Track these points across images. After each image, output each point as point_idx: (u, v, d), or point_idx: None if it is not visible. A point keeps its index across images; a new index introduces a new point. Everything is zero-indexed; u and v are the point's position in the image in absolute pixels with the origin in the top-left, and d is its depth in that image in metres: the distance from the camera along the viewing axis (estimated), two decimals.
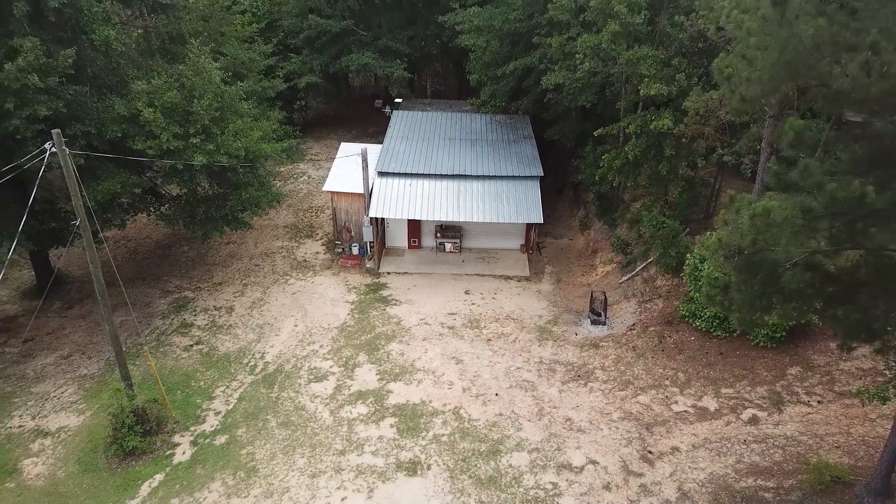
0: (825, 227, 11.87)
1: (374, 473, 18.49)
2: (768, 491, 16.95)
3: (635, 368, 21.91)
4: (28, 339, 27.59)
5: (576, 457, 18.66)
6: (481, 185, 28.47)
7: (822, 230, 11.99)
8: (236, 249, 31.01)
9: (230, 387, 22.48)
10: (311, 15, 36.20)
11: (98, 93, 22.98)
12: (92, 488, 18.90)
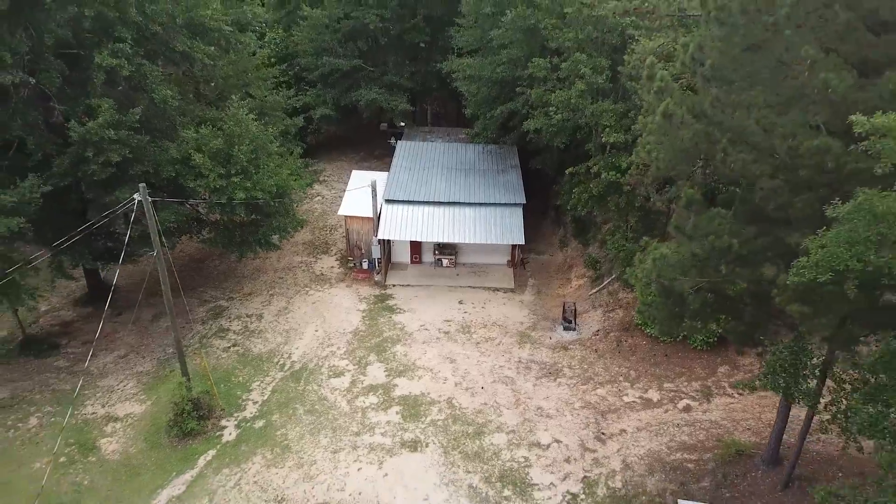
0: (709, 266, 16.51)
1: (383, 450, 23.16)
2: (691, 462, 21.60)
3: (596, 367, 26.60)
4: (86, 342, 32.35)
5: (544, 437, 23.33)
6: (472, 210, 33.18)
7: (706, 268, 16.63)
8: (262, 264, 35.71)
9: (264, 381, 27.18)
10: (325, 56, 40.88)
11: (154, 138, 27.66)
12: (159, 461, 23.58)
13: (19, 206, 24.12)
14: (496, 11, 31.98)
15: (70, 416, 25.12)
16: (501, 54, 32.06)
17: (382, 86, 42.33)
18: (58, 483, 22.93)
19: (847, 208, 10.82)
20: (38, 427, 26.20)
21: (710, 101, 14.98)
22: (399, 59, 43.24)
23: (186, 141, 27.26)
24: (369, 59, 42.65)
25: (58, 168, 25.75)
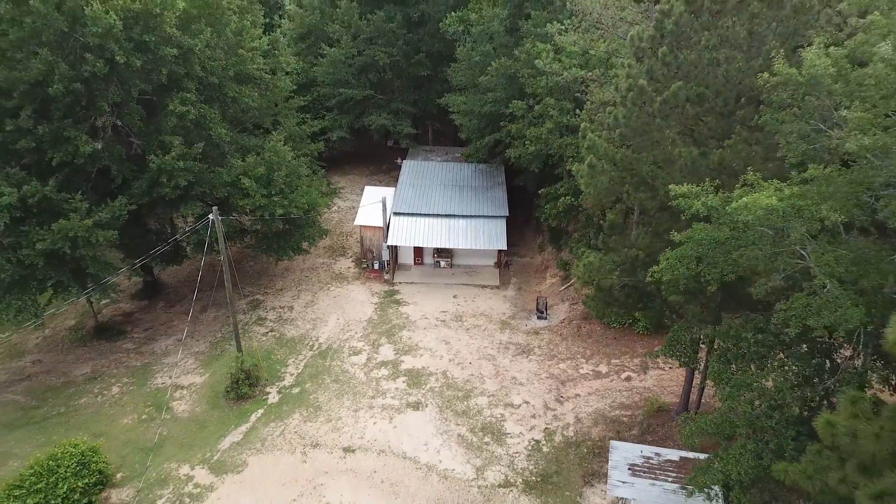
0: (624, 269, 23.18)
1: (392, 409, 29.89)
2: (626, 417, 28.30)
3: (560, 347, 33.32)
4: (147, 328, 39.23)
5: (516, 399, 30.05)
6: (465, 221, 39.90)
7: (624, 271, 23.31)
8: (290, 264, 42.47)
9: (297, 359, 33.94)
10: (341, 88, 47.57)
11: (209, 165, 34.37)
12: (220, 417, 30.33)
13: (111, 220, 30.93)
14: (483, 60, 38.69)
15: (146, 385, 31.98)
16: (488, 95, 38.79)
17: (390, 112, 49.05)
18: (143, 433, 29.73)
19: (681, 236, 17.44)
20: (120, 394, 33.02)
21: (620, 157, 21.68)
22: (404, 88, 49.91)
23: (235, 167, 34.01)
24: (379, 89, 49.35)
25: (137, 190, 32.52)
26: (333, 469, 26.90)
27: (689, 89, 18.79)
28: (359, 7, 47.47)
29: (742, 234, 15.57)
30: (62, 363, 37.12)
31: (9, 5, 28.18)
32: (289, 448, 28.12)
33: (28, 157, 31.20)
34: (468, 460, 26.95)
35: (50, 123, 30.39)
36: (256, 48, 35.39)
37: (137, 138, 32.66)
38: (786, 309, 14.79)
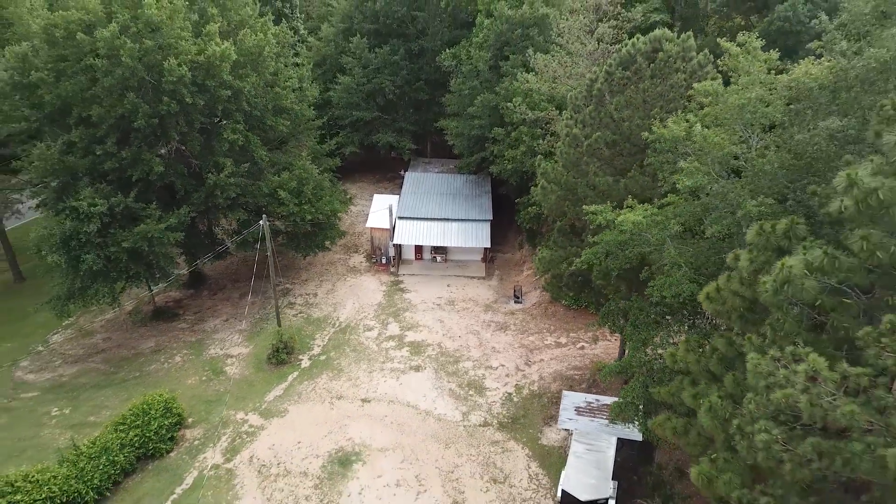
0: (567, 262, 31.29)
1: (398, 371, 38.08)
2: (577, 375, 36.52)
3: (530, 324, 41.55)
4: (196, 312, 47.41)
5: (494, 363, 38.27)
6: (457, 224, 48.09)
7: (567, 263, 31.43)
8: (313, 259, 50.65)
9: (322, 334, 42.14)
10: (352, 110, 55.69)
11: (252, 180, 42.50)
12: (264, 378, 38.53)
13: (177, 224, 39.12)
14: (471, 93, 46.84)
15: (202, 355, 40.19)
16: (475, 121, 46.95)
17: (394, 130, 57.18)
18: (205, 390, 37.93)
19: (596, 238, 25.56)
20: (182, 362, 41.24)
21: (565, 180, 29.86)
22: (406, 110, 58.02)
23: (272, 182, 42.14)
24: (385, 111, 57.45)
25: (196, 200, 40.70)
26: (354, 414, 35.14)
27: (605, 137, 27.00)
28: (368, 42, 55.51)
29: (629, 238, 23.77)
30: (129, 339, 45.37)
31: (105, 60, 36.31)
32: (319, 399, 36.37)
33: (112, 175, 39.39)
34: (457, 407, 35.22)
35: (130, 148, 38.61)
36: (289, 85, 43.53)
37: (196, 159, 40.86)
38: (652, 286, 22.98)
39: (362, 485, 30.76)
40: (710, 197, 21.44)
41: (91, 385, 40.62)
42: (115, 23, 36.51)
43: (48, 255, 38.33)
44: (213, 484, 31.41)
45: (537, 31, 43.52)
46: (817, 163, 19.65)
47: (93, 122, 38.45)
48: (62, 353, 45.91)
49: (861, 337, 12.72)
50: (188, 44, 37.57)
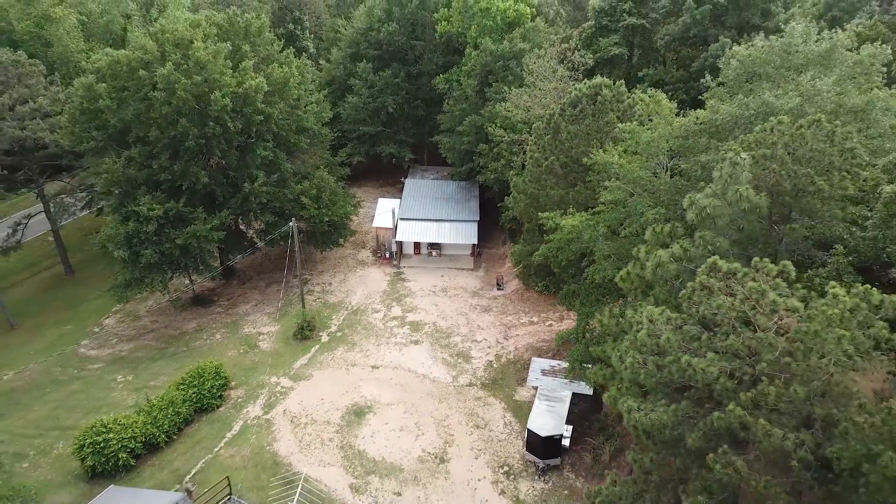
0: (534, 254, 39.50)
1: (401, 344, 46.30)
2: (545, 346, 44.75)
3: (509, 307, 49.79)
4: (229, 298, 55.57)
5: (479, 338, 46.53)
6: (449, 224, 56.26)
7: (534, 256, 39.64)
8: (327, 254, 58.77)
9: (338, 315, 50.34)
10: (360, 126, 63.75)
11: (279, 188, 50.53)
12: (291, 351, 46.72)
13: (219, 225, 47.24)
14: (461, 115, 55.00)
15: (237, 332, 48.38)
16: (464, 138, 55.09)
17: (396, 142, 65.27)
18: (243, 360, 46.10)
19: (550, 237, 33.70)
20: (221, 339, 49.39)
21: (530, 191, 38.04)
22: (406, 124, 66.10)
23: (295, 189, 50.21)
24: (387, 126, 65.53)
25: (233, 205, 48.81)
26: (365, 378, 43.37)
27: (559, 159, 35.23)
28: (372, 66, 63.52)
29: (571, 237, 31.98)
30: (174, 321, 53.53)
31: (162, 92, 44.37)
32: (337, 366, 44.60)
33: (165, 184, 47.50)
34: (448, 372, 43.48)
35: (180, 163, 46.71)
36: (309, 109, 51.64)
37: (233, 171, 48.95)
38: (589, 272, 31.19)
39: (373, 430, 39.01)
40: (626, 207, 29.69)
41: (147, 358, 48.81)
42: (171, 62, 44.59)
43: (114, 250, 46.48)
44: (256, 430, 39.62)
45: (515, 63, 51.60)
46: (697, 184, 27.90)
47: (149, 141, 46.55)
48: (116, 334, 54.09)
49: (682, 296, 20.92)
50: (229, 78, 45.66)
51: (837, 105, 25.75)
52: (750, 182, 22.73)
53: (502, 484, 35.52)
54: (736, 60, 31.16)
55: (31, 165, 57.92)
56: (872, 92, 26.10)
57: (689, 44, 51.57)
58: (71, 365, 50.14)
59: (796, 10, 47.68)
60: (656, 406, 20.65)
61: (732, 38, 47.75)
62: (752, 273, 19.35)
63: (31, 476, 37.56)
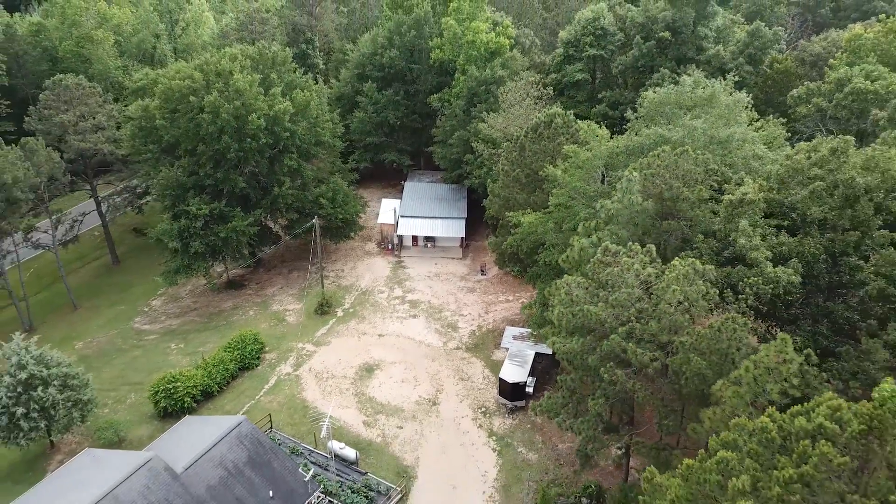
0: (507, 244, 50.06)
1: (402, 318, 56.85)
2: (516, 318, 55.29)
3: (490, 288, 60.41)
4: (257, 283, 66.16)
5: (465, 312, 57.13)
6: (441, 220, 66.77)
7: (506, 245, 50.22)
8: (340, 245, 69.17)
9: (350, 296, 60.93)
10: (366, 137, 74.10)
11: (301, 191, 60.94)
12: (312, 323, 57.26)
13: (253, 222, 57.75)
14: (451, 130, 65.46)
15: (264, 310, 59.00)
16: (454, 149, 65.50)
17: (397, 150, 75.59)
18: (273, 331, 56.66)
19: (515, 231, 44.08)
20: (255, 315, 59.93)
21: (502, 195, 48.52)
22: (405, 135, 76.37)
23: (314, 192, 60.61)
24: (389, 136, 75.80)
25: (264, 205, 59.29)
26: (374, 343, 53.92)
27: (524, 171, 45.76)
28: (376, 85, 73.79)
29: (528, 231, 42.44)
30: (212, 301, 64.02)
31: (209, 115, 54.74)
32: (350, 335, 55.15)
33: (209, 188, 57.93)
34: (439, 339, 54.05)
35: (221, 171, 57.12)
36: (327, 127, 62.10)
37: (264, 178, 59.40)
38: (541, 256, 41.68)
39: (380, 382, 49.61)
40: (567, 209, 40.26)
41: (193, 330, 59.36)
42: (215, 89, 55.00)
43: (168, 242, 56.94)
44: (288, 383, 50.18)
45: (495, 87, 61.95)
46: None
47: (196, 153, 56.96)
48: (164, 312, 64.64)
49: (588, 268, 31.37)
50: (262, 102, 56.07)
51: (709, 137, 36.20)
52: (641, 192, 33.29)
53: (480, 420, 46.14)
54: (647, 101, 41.66)
55: (87, 171, 68.34)
56: (732, 128, 36.47)
57: (639, 71, 61.94)
58: (130, 337, 60.73)
59: (721, 47, 58.06)
60: (571, 340, 31.22)
61: (672, 68, 58.26)
62: (627, 252, 29.91)
63: (114, 417, 48.13)
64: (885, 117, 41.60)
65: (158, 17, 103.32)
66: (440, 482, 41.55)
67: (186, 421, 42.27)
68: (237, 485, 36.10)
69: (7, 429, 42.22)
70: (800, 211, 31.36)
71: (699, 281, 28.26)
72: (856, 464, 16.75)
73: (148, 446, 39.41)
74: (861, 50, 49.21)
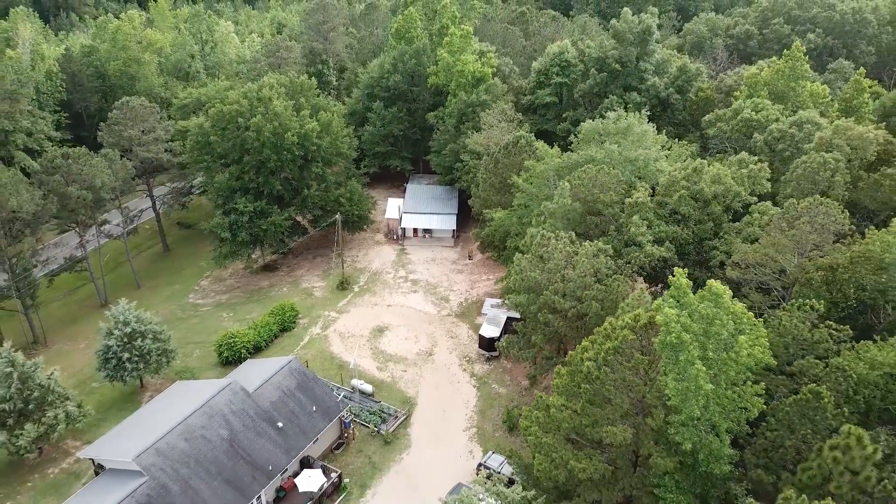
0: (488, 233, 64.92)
1: (405, 292, 71.78)
2: (494, 292, 70.26)
3: (475, 270, 75.32)
4: (288, 266, 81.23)
5: (455, 288, 72.11)
6: (437, 215, 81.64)
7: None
8: (354, 236, 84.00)
9: (363, 276, 75.89)
10: (375, 147, 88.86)
11: (325, 192, 75.71)
12: (335, 297, 72.20)
13: (287, 217, 72.70)
14: (445, 142, 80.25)
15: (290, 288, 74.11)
16: (447, 157, 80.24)
17: (400, 157, 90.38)
18: (304, 302, 71.66)
19: (490, 224, 58.81)
20: (288, 291, 74.93)
21: (482, 197, 63.35)
22: (408, 144, 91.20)
23: (334, 193, 75.45)
24: (394, 145, 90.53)
25: (296, 203, 74.21)
26: (383, 311, 68.90)
27: (497, 178, 60.68)
28: (383, 104, 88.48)
29: (500, 224, 57.24)
30: (251, 281, 79.01)
31: (253, 133, 69.51)
32: (365, 305, 70.11)
33: (252, 190, 72.81)
34: (434, 308, 69.04)
35: (262, 176, 72.00)
36: (345, 141, 76.98)
37: (295, 181, 74.26)
38: (509, 242, 56.49)
39: (389, 339, 64.58)
40: (526, 208, 55.16)
41: (240, 303, 74.33)
42: (259, 113, 69.79)
43: (221, 232, 71.81)
44: (318, 341, 65.17)
45: (480, 109, 76.58)
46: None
47: (242, 162, 71.79)
48: (212, 290, 79.61)
49: (533, 247, 46.20)
50: (294, 122, 70.85)
51: (624, 157, 50.96)
52: (571, 196, 48.18)
53: (464, 366, 61.13)
54: (584, 129, 56.50)
55: (146, 174, 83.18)
56: (640, 151, 51.18)
57: (595, 96, 76.66)
58: (187, 309, 75.71)
59: (657, 79, 72.68)
60: (521, 296, 46.16)
61: (620, 94, 73.02)
62: (554, 237, 44.82)
63: (188, 364, 63.13)
64: (762, 140, 56.40)
65: (193, 38, 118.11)
66: (434, 408, 56.49)
67: (248, 362, 57.29)
68: (290, 401, 51.08)
69: (115, 369, 57.00)
70: (675, 209, 46.27)
71: (602, 256, 43.21)
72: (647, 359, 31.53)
73: (224, 377, 54.39)
74: (757, 85, 63.92)
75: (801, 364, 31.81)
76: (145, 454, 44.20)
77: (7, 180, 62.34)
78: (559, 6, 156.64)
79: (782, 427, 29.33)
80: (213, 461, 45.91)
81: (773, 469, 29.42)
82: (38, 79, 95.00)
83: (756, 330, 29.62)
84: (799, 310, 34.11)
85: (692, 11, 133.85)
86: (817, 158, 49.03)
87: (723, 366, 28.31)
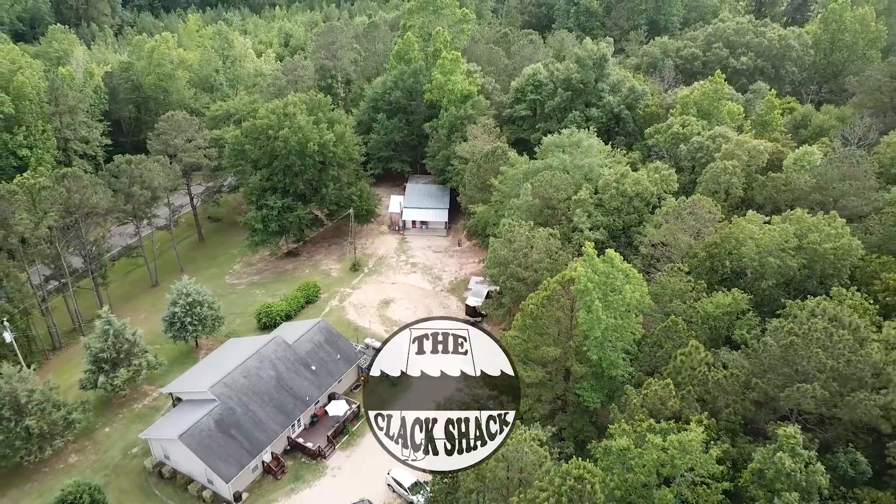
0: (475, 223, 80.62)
1: (406, 273, 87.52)
2: (478, 272, 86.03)
3: (464, 255, 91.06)
4: (308, 253, 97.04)
5: (447, 269, 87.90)
6: (432, 210, 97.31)
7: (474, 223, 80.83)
8: (363, 228, 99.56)
9: (371, 260, 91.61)
10: (379, 152, 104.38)
11: (340, 190, 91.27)
12: (349, 276, 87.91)
13: (308, 212, 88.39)
14: (440, 148, 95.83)
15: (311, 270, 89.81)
16: (440, 162, 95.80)
17: (400, 160, 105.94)
18: (324, 281, 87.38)
19: (474, 216, 74.36)
20: (309, 272, 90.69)
21: (469, 194, 79.07)
22: (407, 149, 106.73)
23: (347, 192, 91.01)
24: (395, 150, 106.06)
25: (315, 200, 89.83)
26: (389, 288, 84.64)
27: (480, 179, 76.47)
28: (385, 115, 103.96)
29: (482, 215, 72.89)
30: (278, 265, 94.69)
31: (282, 143, 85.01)
32: (374, 283, 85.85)
33: (279, 190, 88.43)
34: (430, 285, 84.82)
35: (288, 178, 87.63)
36: (356, 148, 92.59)
37: (315, 182, 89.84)
38: (490, 232, 72.20)
39: (394, 309, 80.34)
40: (501, 204, 70.92)
41: (269, 283, 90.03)
42: (286, 126, 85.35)
43: (255, 224, 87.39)
44: (336, 311, 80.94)
45: (468, 122, 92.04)
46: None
47: (272, 166, 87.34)
48: (245, 273, 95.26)
49: (504, 234, 61.90)
50: (314, 134, 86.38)
51: (574, 165, 66.60)
52: (532, 195, 63.92)
53: None
54: (544, 142, 72.13)
55: (187, 175, 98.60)
56: (587, 159, 66.82)
57: (562, 110, 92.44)
58: (225, 288, 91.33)
59: (611, 97, 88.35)
60: (494, 269, 61.92)
61: (582, 109, 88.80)
62: (518, 225, 60.60)
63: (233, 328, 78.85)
64: (686, 149, 72.22)
65: (216, 54, 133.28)
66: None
67: (283, 325, 73.06)
68: (320, 351, 66.85)
69: (179, 331, 72.55)
70: (608, 204, 62.07)
71: (552, 239, 59.04)
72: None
73: (268, 335, 70.09)
74: (688, 104, 79.67)
75: (671, 305, 47.59)
76: (217, 385, 59.84)
77: (88, 182, 77.70)
78: (543, 19, 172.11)
79: (655, 343, 45.01)
80: (265, 392, 61.63)
81: (650, 371, 45.10)
82: (89, 93, 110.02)
83: (637, 280, 45.32)
84: (672, 271, 50.13)
85: (662, 24, 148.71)
86: (721, 165, 64.93)
87: (614, 303, 43.88)
